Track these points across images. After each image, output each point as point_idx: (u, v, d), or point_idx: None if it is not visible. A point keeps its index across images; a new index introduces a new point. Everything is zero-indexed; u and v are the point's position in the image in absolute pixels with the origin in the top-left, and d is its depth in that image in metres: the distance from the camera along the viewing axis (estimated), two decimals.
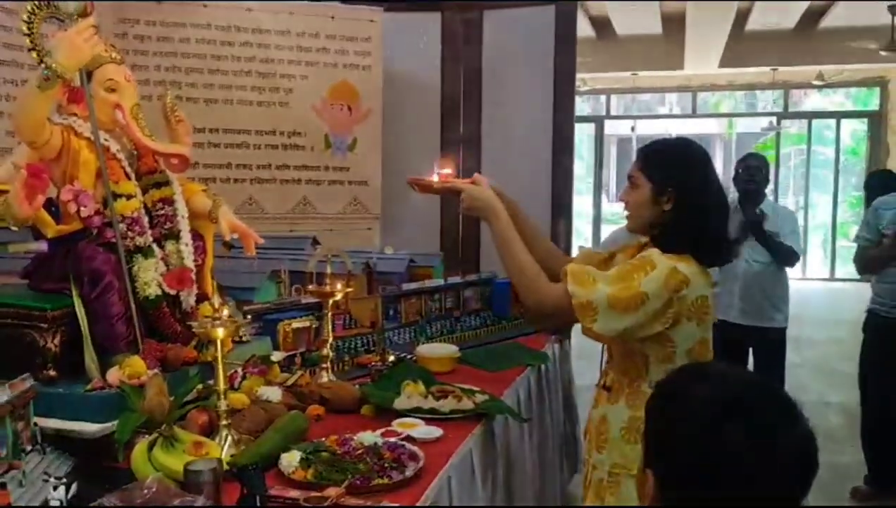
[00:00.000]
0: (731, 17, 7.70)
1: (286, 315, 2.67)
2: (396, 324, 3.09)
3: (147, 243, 2.09)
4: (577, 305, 1.74)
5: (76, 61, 1.88)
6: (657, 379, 1.80)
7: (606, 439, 1.86)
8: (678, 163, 1.85)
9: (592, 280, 1.76)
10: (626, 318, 1.74)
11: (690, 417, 0.94)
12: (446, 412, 2.13)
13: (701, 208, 1.81)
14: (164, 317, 2.11)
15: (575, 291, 1.74)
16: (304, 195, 4.47)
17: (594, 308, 1.73)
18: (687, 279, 1.76)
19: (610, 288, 1.74)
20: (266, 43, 4.28)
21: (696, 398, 0.95)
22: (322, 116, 4.42)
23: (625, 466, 1.80)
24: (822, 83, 10.70)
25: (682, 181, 1.81)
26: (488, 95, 4.68)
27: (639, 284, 1.74)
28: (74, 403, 1.82)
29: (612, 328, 1.75)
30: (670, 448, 0.95)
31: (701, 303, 1.79)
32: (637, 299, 1.73)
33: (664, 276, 1.74)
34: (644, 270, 1.76)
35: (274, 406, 2.00)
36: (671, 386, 1.03)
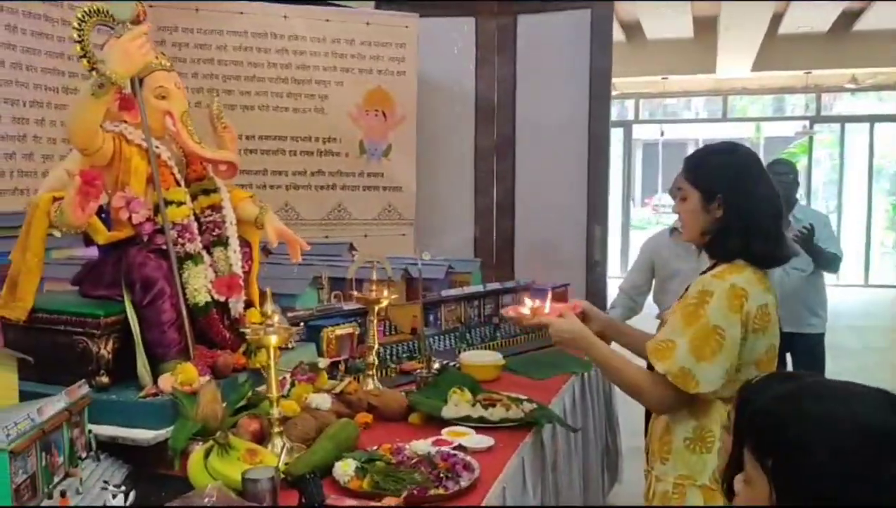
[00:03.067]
0: (767, 19, 7.62)
1: (329, 322, 2.66)
2: (436, 331, 3.08)
3: (197, 249, 2.09)
4: (674, 380, 1.71)
5: (130, 69, 1.89)
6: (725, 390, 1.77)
7: (670, 450, 1.82)
8: (723, 168, 1.81)
9: (670, 345, 1.73)
10: (719, 361, 1.71)
11: (836, 441, 0.92)
12: (496, 421, 2.10)
13: (750, 210, 1.77)
14: (214, 324, 2.11)
15: (665, 367, 1.72)
16: (339, 201, 4.48)
17: (688, 371, 1.70)
18: (745, 292, 1.72)
19: (684, 339, 1.71)
20: (302, 50, 4.30)
21: (843, 421, 0.94)
22: (357, 123, 4.43)
23: (690, 476, 1.77)
24: (856, 86, 10.55)
25: (729, 186, 1.78)
26: (522, 100, 4.67)
27: (707, 320, 1.70)
28: (128, 410, 1.82)
29: (715, 379, 1.72)
30: (812, 466, 0.92)
31: (762, 312, 1.74)
32: (713, 335, 1.70)
33: (725, 297, 1.71)
34: (705, 302, 1.71)
35: (323, 414, 1.99)
36: (805, 401, 0.98)
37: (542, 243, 4.60)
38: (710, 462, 1.77)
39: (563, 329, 1.92)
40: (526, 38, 4.62)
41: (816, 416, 0.95)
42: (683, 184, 1.84)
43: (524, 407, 2.20)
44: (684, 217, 1.86)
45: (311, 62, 4.32)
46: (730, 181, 1.78)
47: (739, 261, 1.76)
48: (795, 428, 0.96)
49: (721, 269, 1.77)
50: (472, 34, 4.71)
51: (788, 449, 0.96)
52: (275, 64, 4.25)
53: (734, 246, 1.76)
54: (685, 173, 1.84)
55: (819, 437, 0.93)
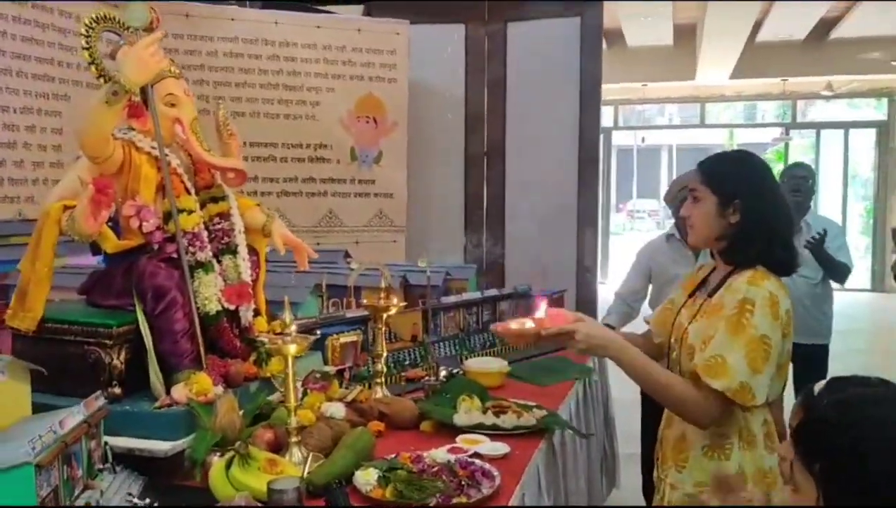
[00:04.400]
0: (748, 27, 7.73)
1: (333, 330, 2.65)
2: (436, 338, 3.08)
3: (208, 258, 2.08)
4: (733, 396, 1.69)
5: (144, 76, 1.87)
6: None
7: (687, 458, 1.83)
8: (742, 174, 1.84)
9: (721, 361, 1.70)
10: (768, 370, 1.72)
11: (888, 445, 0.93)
12: (509, 428, 2.11)
13: (767, 217, 1.80)
14: (225, 332, 2.09)
15: (723, 385, 1.69)
16: (331, 208, 4.47)
17: (747, 385, 1.69)
18: (777, 299, 1.74)
19: (737, 354, 1.70)
20: (293, 56, 4.29)
21: (888, 424, 0.94)
22: (348, 129, 4.43)
23: (708, 483, 1.78)
24: (831, 94, 10.73)
25: (747, 192, 1.80)
26: (513, 107, 4.70)
27: (754, 329, 1.71)
28: (143, 421, 1.80)
29: (765, 388, 1.72)
30: (863, 470, 0.93)
31: (788, 318, 1.77)
32: (762, 345, 1.71)
33: (768, 307, 1.72)
34: (746, 311, 1.72)
35: (338, 423, 1.98)
36: (854, 411, 1.00)
37: (532, 250, 4.62)
38: (728, 469, 1.79)
39: (594, 335, 1.80)
40: (516, 45, 4.66)
41: (867, 421, 0.97)
42: (698, 187, 1.85)
43: (535, 414, 2.21)
44: (695, 220, 1.87)
45: (302, 69, 4.31)
46: (749, 188, 1.80)
47: (761, 268, 1.78)
48: (844, 434, 0.97)
49: (750, 275, 1.78)
50: (462, 41, 4.73)
51: (837, 454, 0.97)
52: (266, 70, 4.24)
53: (756, 252, 1.78)
54: (701, 177, 1.86)
55: (871, 441, 0.95)
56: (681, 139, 24.81)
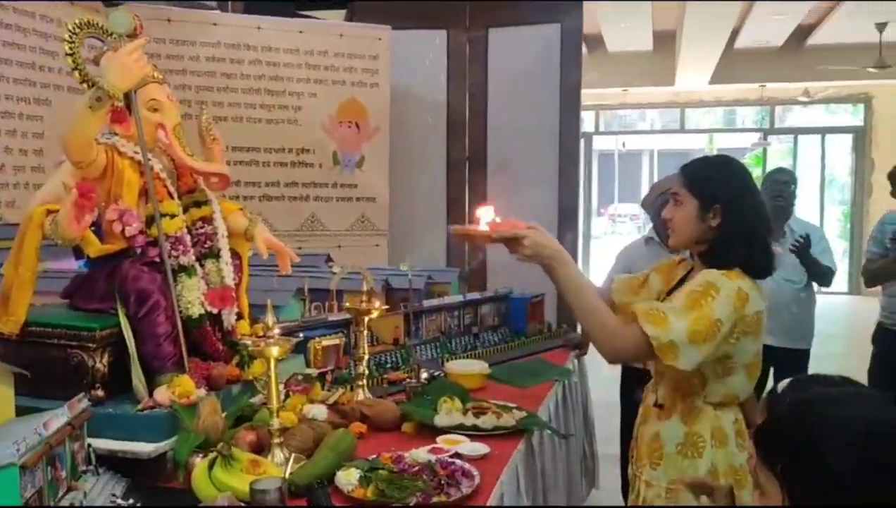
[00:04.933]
0: (726, 34, 7.84)
1: (315, 333, 2.67)
2: (418, 341, 3.11)
3: (190, 262, 2.09)
4: (658, 346, 1.72)
5: (127, 82, 1.89)
6: (714, 395, 1.85)
7: (661, 455, 1.88)
8: (723, 179, 1.89)
9: (664, 317, 1.74)
10: (705, 348, 1.75)
11: (844, 440, 0.97)
12: (489, 429, 2.14)
13: (747, 221, 1.85)
14: (207, 336, 2.11)
15: (654, 333, 1.73)
16: (313, 212, 4.49)
17: (675, 346, 1.73)
18: (747, 296, 1.79)
19: (685, 322, 1.74)
20: (275, 61, 4.31)
21: (848, 422, 0.98)
22: (330, 134, 4.45)
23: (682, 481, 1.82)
24: (808, 99, 10.88)
25: (728, 197, 1.85)
26: (494, 112, 4.73)
27: (710, 311, 1.75)
28: (126, 423, 1.81)
29: (693, 362, 1.75)
30: (827, 469, 0.97)
31: (758, 318, 1.82)
32: (713, 327, 1.75)
33: (732, 298, 1.77)
34: (710, 295, 1.77)
35: (320, 425, 2.01)
36: (814, 409, 1.03)
37: None
38: (700, 467, 1.84)
39: (543, 243, 1.82)
40: (497, 50, 4.70)
41: (826, 418, 1.00)
42: (680, 190, 1.90)
43: (515, 415, 2.24)
44: (676, 223, 1.92)
45: (284, 74, 4.33)
46: (730, 192, 1.85)
47: (737, 270, 1.83)
48: (804, 433, 1.01)
49: (726, 272, 1.82)
50: (444, 47, 4.76)
51: (798, 453, 1.00)
52: (248, 75, 4.25)
53: (736, 256, 1.83)
54: (684, 181, 1.90)
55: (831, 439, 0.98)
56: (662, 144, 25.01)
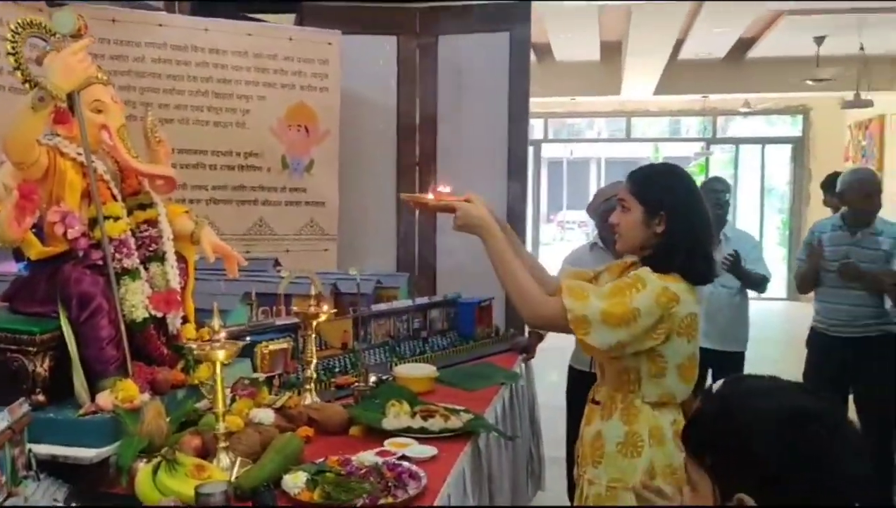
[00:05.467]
0: (670, 46, 8.02)
1: (263, 337, 2.66)
2: (366, 345, 3.11)
3: (134, 265, 2.07)
4: (572, 318, 1.83)
5: (71, 83, 1.86)
6: (650, 394, 1.91)
7: (602, 454, 1.92)
8: (669, 187, 1.95)
9: (586, 295, 1.85)
10: (619, 332, 1.82)
11: (773, 427, 1.02)
12: (436, 432, 2.16)
13: (690, 229, 1.91)
14: (152, 340, 2.09)
15: (571, 305, 1.83)
16: (261, 216, 4.45)
17: (588, 322, 1.82)
18: (677, 297, 1.85)
19: (603, 303, 1.83)
20: (223, 63, 4.26)
21: (770, 411, 1.03)
22: (279, 137, 4.42)
23: (622, 479, 1.87)
24: (749, 110, 11.19)
25: (673, 204, 1.91)
26: (444, 118, 4.76)
27: (630, 300, 1.83)
28: (68, 428, 1.78)
29: (605, 342, 1.83)
30: (752, 457, 1.02)
31: (690, 320, 1.88)
32: (629, 314, 1.82)
33: (655, 293, 1.83)
34: (636, 287, 1.84)
35: (267, 429, 2.00)
36: (737, 401, 1.08)
37: (463, 258, 4.68)
38: (640, 466, 1.89)
39: (472, 214, 2.00)
40: (447, 58, 4.73)
41: (742, 410, 1.06)
42: (627, 197, 1.95)
43: (462, 417, 2.27)
44: (623, 228, 1.97)
45: (232, 76, 4.28)
46: (675, 200, 1.91)
47: (675, 274, 1.89)
48: (725, 423, 1.06)
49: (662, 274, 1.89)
50: (395, 53, 4.78)
51: (724, 447, 1.05)
52: (195, 77, 4.20)
53: (677, 262, 1.89)
54: (631, 187, 1.96)
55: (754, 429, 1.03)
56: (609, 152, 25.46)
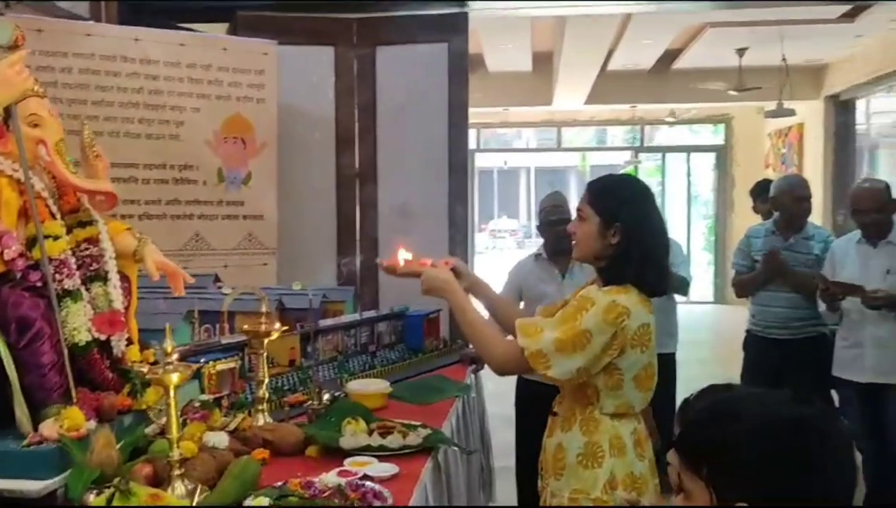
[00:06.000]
0: (602, 57, 8.18)
1: (208, 357, 2.57)
2: (314, 362, 3.05)
3: (75, 286, 1.97)
4: (529, 356, 1.87)
5: (8, 96, 1.77)
6: (608, 406, 1.92)
7: (564, 466, 1.93)
8: (625, 198, 1.96)
9: (539, 329, 1.89)
10: (575, 358, 1.85)
11: (756, 434, 1.03)
12: (396, 448, 2.12)
13: (645, 241, 1.93)
14: (96, 364, 1.99)
15: (525, 343, 1.88)
16: (197, 231, 4.32)
17: (545, 355, 1.85)
18: (627, 310, 1.86)
19: (555, 332, 1.86)
20: (155, 74, 4.13)
21: (765, 417, 1.04)
22: (215, 150, 4.31)
23: (583, 490, 1.88)
24: (674, 120, 11.52)
25: (628, 216, 1.92)
26: (384, 129, 4.73)
27: (580, 323, 1.85)
28: (10, 460, 1.67)
29: (567, 370, 1.86)
30: (741, 460, 1.03)
31: (644, 331, 1.89)
32: (581, 337, 1.84)
33: (603, 310, 1.85)
34: (584, 308, 1.87)
35: (222, 453, 1.93)
36: (730, 408, 1.09)
37: None
38: (601, 476, 1.90)
39: (434, 278, 2.10)
40: (385, 68, 4.70)
41: (736, 418, 1.07)
42: (585, 207, 1.97)
43: (420, 433, 2.24)
44: (579, 237, 1.99)
45: (164, 87, 4.15)
46: (630, 212, 1.93)
47: (629, 285, 1.90)
48: (721, 432, 1.07)
49: (610, 288, 1.90)
50: (332, 63, 4.72)
51: (719, 452, 1.06)
52: (125, 88, 4.05)
53: (630, 273, 1.90)
54: (588, 198, 1.97)
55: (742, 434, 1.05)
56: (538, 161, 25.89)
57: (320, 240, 4.76)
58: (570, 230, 2.03)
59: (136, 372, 1.92)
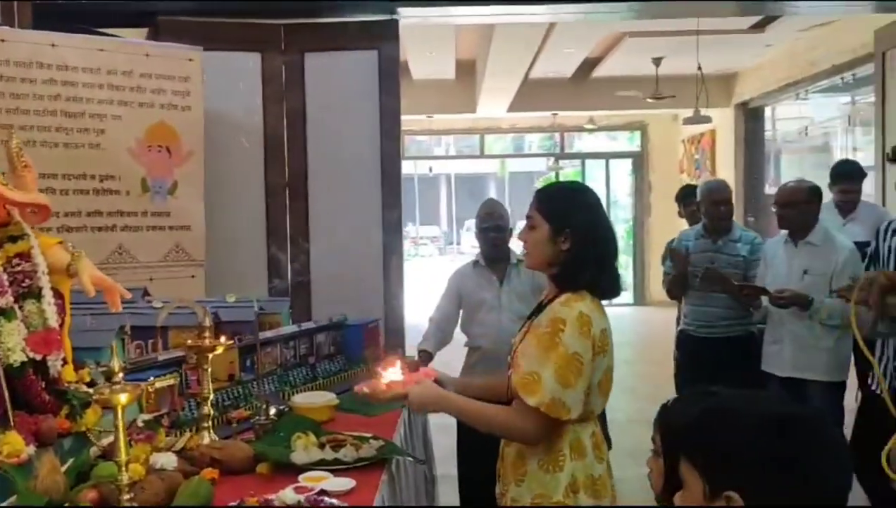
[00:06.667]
0: (527, 65, 8.30)
1: (146, 375, 2.47)
2: (253, 375, 2.97)
3: (8, 304, 1.87)
4: (547, 410, 1.82)
5: None
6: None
7: (525, 472, 1.92)
8: (573, 204, 1.98)
9: (535, 378, 1.83)
10: (579, 385, 1.84)
11: (750, 429, 1.06)
12: (351, 462, 2.08)
13: (596, 245, 1.95)
14: (32, 385, 1.88)
15: (536, 401, 1.81)
16: (120, 243, 4.15)
17: (558, 400, 1.81)
18: (590, 318, 1.88)
19: (549, 370, 1.82)
20: (73, 81, 3.95)
21: (758, 415, 1.07)
22: (138, 159, 4.15)
23: (545, 495, 1.88)
24: (594, 127, 11.79)
25: (577, 221, 1.94)
26: (314, 137, 4.66)
27: (565, 348, 1.83)
28: None
29: (579, 401, 1.86)
30: (733, 454, 1.07)
31: (604, 335, 1.92)
32: (573, 362, 1.83)
33: (577, 326, 1.85)
34: (559, 330, 1.85)
35: (171, 474, 1.85)
36: (724, 407, 1.11)
37: (338, 280, 4.60)
38: (562, 480, 1.90)
39: (423, 396, 2.03)
40: (315, 75, 4.64)
41: (732, 414, 1.10)
42: (534, 215, 1.97)
43: (373, 444, 2.20)
44: (530, 246, 1.99)
45: (84, 94, 3.98)
46: (581, 218, 1.94)
47: (583, 291, 1.92)
48: (720, 429, 1.10)
49: (565, 298, 1.91)
50: (259, 70, 4.63)
51: (716, 446, 1.09)
52: (41, 96, 3.86)
53: (584, 278, 1.92)
54: (537, 205, 1.98)
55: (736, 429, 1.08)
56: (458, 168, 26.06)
57: (250, 251, 4.65)
58: (520, 239, 2.03)
59: (78, 393, 1.82)
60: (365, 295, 4.53)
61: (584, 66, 9.53)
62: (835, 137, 10.25)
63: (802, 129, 10.38)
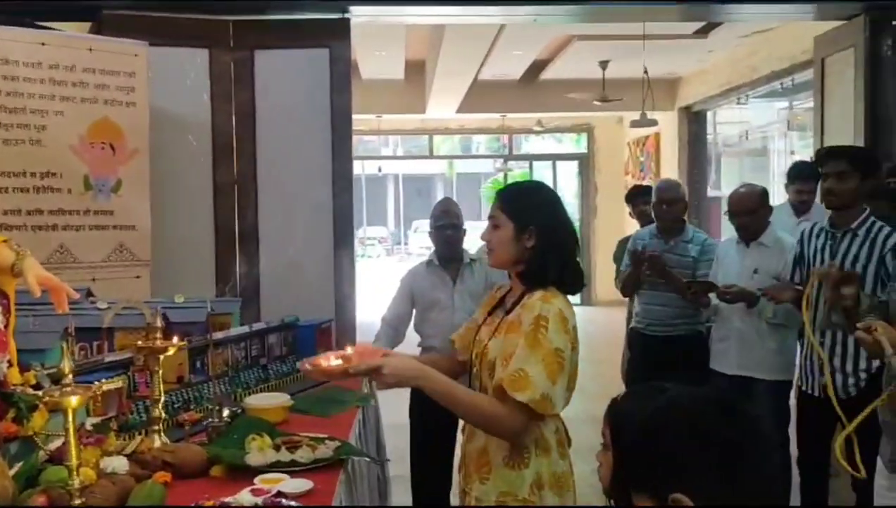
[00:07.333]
0: (477, 66, 8.33)
1: (91, 377, 2.40)
2: (204, 377, 2.91)
3: None
4: (536, 406, 1.81)
5: None
6: None
7: (490, 470, 1.93)
8: (536, 202, 2.00)
9: (523, 374, 1.82)
10: (561, 380, 1.86)
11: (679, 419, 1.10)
12: (308, 463, 2.06)
13: (560, 242, 1.97)
14: None
15: (525, 396, 1.81)
16: (62, 243, 4.03)
17: (546, 396, 1.82)
18: (566, 315, 1.90)
19: (537, 366, 1.83)
20: (13, 75, 3.82)
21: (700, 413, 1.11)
22: (81, 156, 4.03)
23: (510, 492, 1.89)
24: (541, 129, 11.91)
25: (541, 218, 1.96)
26: (264, 135, 4.59)
27: (548, 342, 1.84)
28: None
29: (563, 397, 1.88)
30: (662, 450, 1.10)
31: (574, 331, 1.94)
32: (558, 357, 1.85)
33: (557, 321, 1.87)
34: (542, 327, 1.86)
35: (122, 478, 1.80)
36: (677, 407, 1.13)
37: (289, 280, 4.54)
38: (528, 477, 1.91)
39: (401, 366, 1.86)
40: (265, 73, 4.58)
41: (675, 418, 1.12)
42: (498, 214, 1.98)
43: (329, 445, 2.18)
44: (495, 245, 2.00)
45: (24, 89, 3.85)
46: (543, 215, 1.96)
47: (552, 288, 1.94)
48: (664, 433, 1.11)
49: (542, 294, 1.92)
50: (207, 66, 4.54)
51: (660, 451, 1.11)
52: None
53: (550, 275, 1.94)
54: (500, 204, 1.99)
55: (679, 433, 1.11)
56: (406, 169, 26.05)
57: (197, 251, 4.57)
58: (484, 239, 2.04)
59: (25, 396, 1.76)
60: (316, 295, 4.48)
61: (532, 68, 9.62)
62: (773, 141, 10.56)
63: (742, 133, 10.68)
